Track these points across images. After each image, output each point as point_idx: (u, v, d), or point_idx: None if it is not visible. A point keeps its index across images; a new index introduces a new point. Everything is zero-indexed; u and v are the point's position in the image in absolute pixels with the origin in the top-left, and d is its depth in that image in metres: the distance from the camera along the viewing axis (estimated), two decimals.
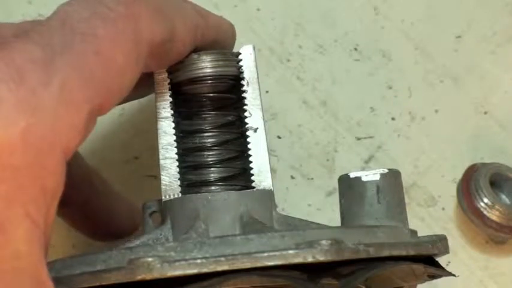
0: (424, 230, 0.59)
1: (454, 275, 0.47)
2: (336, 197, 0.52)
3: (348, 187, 0.49)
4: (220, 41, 0.52)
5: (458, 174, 0.63)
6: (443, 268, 0.47)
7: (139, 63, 0.44)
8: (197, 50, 0.50)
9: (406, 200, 0.50)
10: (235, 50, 0.53)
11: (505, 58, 0.67)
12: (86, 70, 0.41)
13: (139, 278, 0.39)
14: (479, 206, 0.61)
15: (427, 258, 0.47)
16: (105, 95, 0.42)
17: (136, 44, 0.44)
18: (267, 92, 0.66)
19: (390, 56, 0.67)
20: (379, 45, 0.68)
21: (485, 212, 0.61)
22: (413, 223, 0.54)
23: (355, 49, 0.68)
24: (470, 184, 0.61)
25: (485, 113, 0.66)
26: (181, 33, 0.47)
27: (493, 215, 0.61)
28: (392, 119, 0.66)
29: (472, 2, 0.68)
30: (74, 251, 0.63)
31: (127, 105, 0.65)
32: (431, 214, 0.65)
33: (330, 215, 0.63)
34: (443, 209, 0.65)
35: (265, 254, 0.40)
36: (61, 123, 0.39)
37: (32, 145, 0.38)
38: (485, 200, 0.61)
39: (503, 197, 0.63)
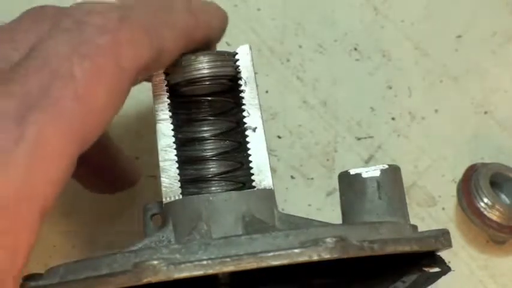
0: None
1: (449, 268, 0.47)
2: (336, 197, 0.52)
3: (348, 184, 0.49)
4: (209, 37, 0.50)
5: (458, 174, 0.63)
6: (444, 263, 0.47)
7: (124, 93, 0.42)
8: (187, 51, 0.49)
9: (406, 200, 0.50)
10: (232, 49, 0.52)
11: (505, 58, 0.67)
12: (64, 118, 0.39)
13: (145, 280, 0.39)
14: (479, 206, 0.61)
15: (429, 254, 0.47)
16: (86, 137, 0.40)
17: (120, 77, 0.42)
18: (267, 92, 0.66)
19: (390, 56, 0.67)
20: (379, 45, 0.68)
21: (485, 212, 0.61)
22: (413, 223, 0.54)
23: (355, 49, 0.68)
24: (470, 184, 0.61)
25: (485, 113, 0.66)
26: (169, 46, 0.45)
27: (493, 215, 0.61)
28: (393, 119, 0.66)
29: (472, 2, 0.68)
30: (74, 251, 0.62)
31: (127, 106, 0.64)
32: (431, 214, 0.65)
33: (330, 215, 0.63)
34: (443, 209, 0.65)
35: (271, 254, 0.40)
36: (36, 179, 0.38)
37: (3, 206, 0.37)
38: (485, 200, 0.61)
39: (503, 197, 0.63)
